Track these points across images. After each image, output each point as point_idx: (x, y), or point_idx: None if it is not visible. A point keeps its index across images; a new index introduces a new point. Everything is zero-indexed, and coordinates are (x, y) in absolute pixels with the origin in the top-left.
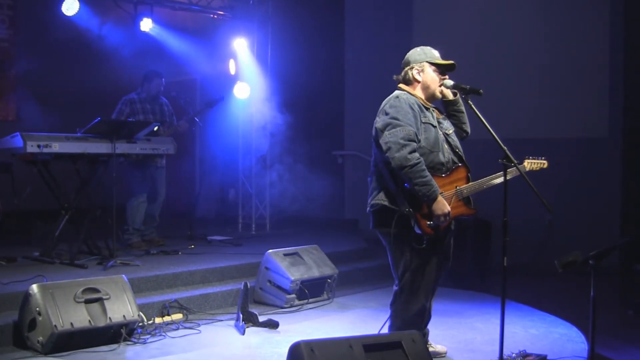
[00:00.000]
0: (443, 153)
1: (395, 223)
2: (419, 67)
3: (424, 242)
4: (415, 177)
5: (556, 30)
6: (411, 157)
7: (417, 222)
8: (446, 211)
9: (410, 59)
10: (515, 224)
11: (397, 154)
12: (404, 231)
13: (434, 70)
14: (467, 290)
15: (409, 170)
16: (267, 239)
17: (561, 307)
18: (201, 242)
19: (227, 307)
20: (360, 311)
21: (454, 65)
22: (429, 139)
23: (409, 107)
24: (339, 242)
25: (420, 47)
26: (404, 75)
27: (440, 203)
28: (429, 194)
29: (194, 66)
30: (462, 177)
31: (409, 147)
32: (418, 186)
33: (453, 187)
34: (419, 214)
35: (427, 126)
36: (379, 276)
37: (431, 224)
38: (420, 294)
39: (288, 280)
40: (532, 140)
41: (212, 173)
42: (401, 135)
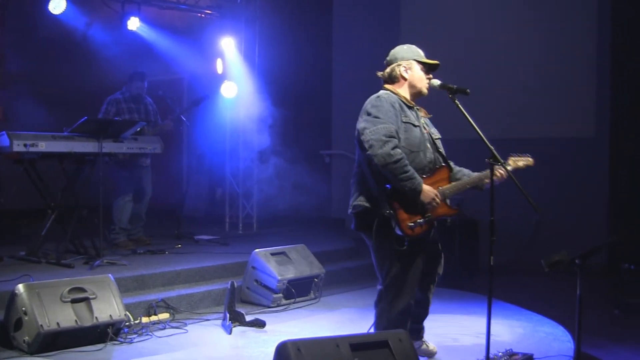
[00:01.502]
0: (425, 153)
1: (376, 225)
2: (407, 65)
3: (405, 243)
4: (399, 172)
5: (543, 30)
6: (394, 153)
7: (397, 224)
8: (433, 195)
9: (398, 56)
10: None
11: (380, 151)
12: (386, 233)
13: (421, 69)
14: (454, 289)
15: (393, 166)
16: (254, 238)
17: (548, 306)
18: (188, 242)
19: (213, 306)
20: (347, 310)
21: (438, 65)
22: (410, 139)
23: (390, 105)
24: (326, 242)
25: (407, 45)
26: (390, 72)
27: (426, 192)
28: (414, 188)
29: (182, 65)
30: (444, 178)
31: (391, 143)
32: (403, 181)
33: (435, 188)
34: (399, 216)
35: (407, 126)
36: (366, 275)
37: (412, 225)
38: (404, 293)
39: (275, 279)
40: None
41: (200, 172)
42: (383, 132)
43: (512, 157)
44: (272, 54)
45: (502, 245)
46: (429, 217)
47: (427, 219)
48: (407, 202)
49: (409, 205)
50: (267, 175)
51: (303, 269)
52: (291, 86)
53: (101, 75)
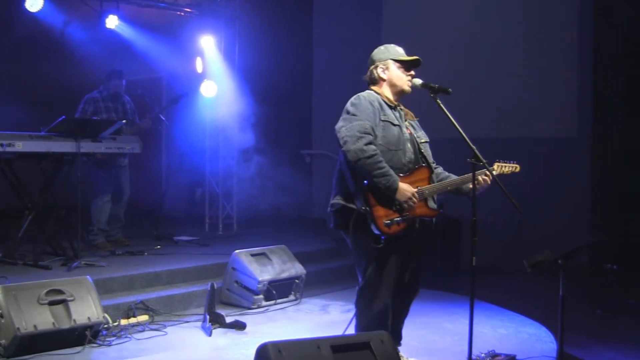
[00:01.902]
0: (405, 152)
1: (353, 222)
2: (383, 65)
3: (381, 241)
4: (372, 168)
5: (525, 30)
6: (367, 149)
7: (373, 221)
8: (409, 194)
9: (375, 57)
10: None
11: (352, 146)
12: (363, 230)
13: (398, 67)
14: (436, 290)
15: (366, 161)
16: (234, 239)
17: (530, 307)
18: (167, 243)
19: (193, 308)
20: (328, 312)
21: (419, 60)
22: (387, 137)
23: (368, 103)
24: (307, 242)
25: (384, 46)
26: (370, 75)
27: (402, 190)
28: (389, 185)
29: (161, 64)
30: (424, 178)
31: (364, 139)
32: (377, 178)
33: (414, 188)
34: (375, 213)
35: (386, 124)
36: (347, 276)
37: (388, 222)
38: (381, 293)
39: (255, 280)
40: (500, 140)
41: (179, 172)
42: (357, 128)
43: (497, 163)
44: (252, 53)
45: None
46: (406, 216)
47: (404, 217)
48: (384, 200)
49: (386, 203)
50: (247, 175)
51: (284, 269)
52: (271, 85)
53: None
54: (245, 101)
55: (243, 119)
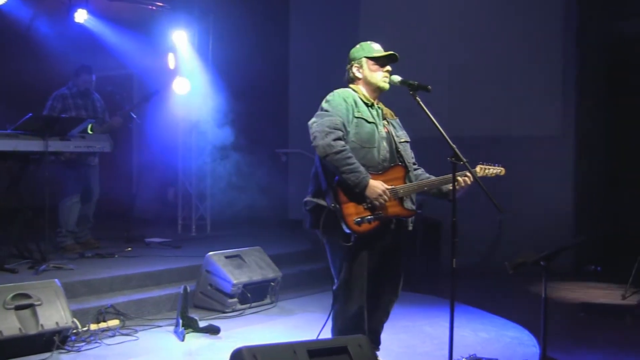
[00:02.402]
0: (379, 150)
1: (323, 220)
2: (358, 64)
3: (351, 239)
4: (341, 164)
5: (509, 28)
6: (335, 144)
7: (343, 219)
8: (380, 191)
9: (350, 57)
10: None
11: (321, 142)
12: (334, 229)
13: (372, 64)
14: (416, 293)
15: (334, 157)
16: (207, 241)
17: (512, 310)
18: (139, 245)
19: (165, 312)
20: (304, 315)
21: (394, 55)
22: (360, 134)
23: (342, 99)
24: (283, 244)
25: (360, 44)
26: (347, 74)
27: (372, 187)
28: (358, 182)
29: (131, 60)
30: (399, 177)
31: (333, 135)
32: (346, 174)
33: (388, 186)
34: (345, 210)
35: (359, 121)
36: (324, 278)
37: (358, 220)
38: (355, 294)
39: (229, 283)
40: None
41: (151, 171)
42: (327, 124)
43: (480, 165)
44: (227, 49)
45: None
46: (378, 214)
47: (375, 216)
48: (355, 197)
49: (357, 200)
50: (221, 174)
51: (259, 272)
52: (246, 82)
53: (46, 69)
54: (219, 98)
55: (217, 117)
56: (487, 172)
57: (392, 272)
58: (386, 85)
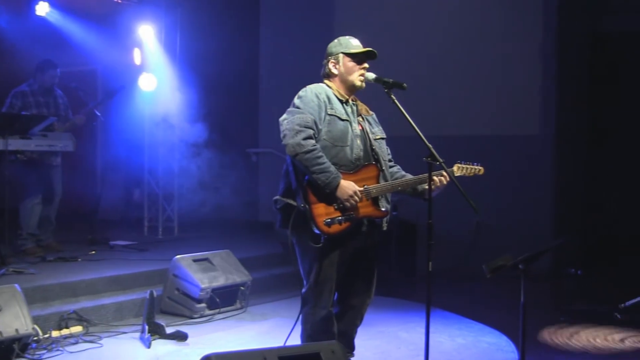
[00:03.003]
0: (352, 149)
1: (292, 221)
2: (334, 60)
3: (321, 240)
4: (311, 164)
5: (488, 26)
6: (305, 143)
7: (312, 220)
8: (351, 192)
9: (328, 51)
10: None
11: (290, 140)
12: (303, 229)
13: (349, 61)
14: (390, 297)
15: (303, 156)
16: (175, 244)
17: (490, 315)
18: (103, 248)
19: (131, 318)
20: (275, 321)
21: (373, 52)
22: (332, 132)
23: (314, 96)
24: (253, 247)
25: (338, 38)
26: (323, 69)
27: (343, 188)
28: (328, 182)
29: (95, 55)
30: (372, 176)
31: (303, 133)
32: (316, 174)
33: (361, 186)
34: (314, 211)
35: (332, 118)
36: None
37: (328, 221)
38: (324, 297)
39: (197, 288)
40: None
41: (116, 171)
42: (297, 121)
43: (458, 164)
44: (195, 44)
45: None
46: (349, 215)
47: (346, 217)
48: (325, 197)
49: (327, 201)
50: (189, 175)
51: (228, 276)
52: (216, 79)
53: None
54: (187, 96)
55: (185, 115)
56: (465, 171)
57: (365, 272)
58: (362, 84)
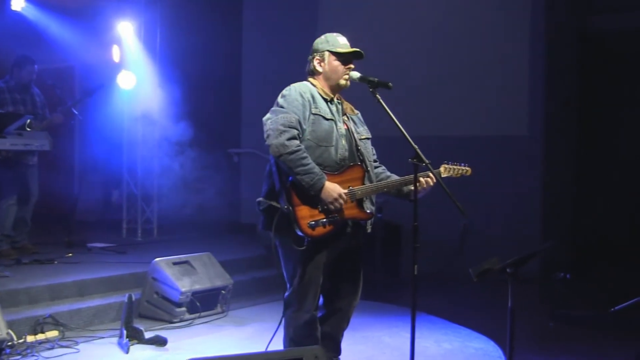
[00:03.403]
0: (337, 149)
1: (276, 223)
2: (320, 57)
3: (304, 243)
4: (295, 165)
5: (476, 27)
6: (289, 144)
7: (296, 222)
8: (336, 195)
9: (313, 48)
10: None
11: (274, 141)
12: (287, 232)
13: (335, 60)
14: (375, 302)
15: (287, 157)
16: (154, 246)
17: (477, 319)
18: (80, 250)
19: (109, 322)
20: (257, 325)
21: (360, 53)
22: (317, 132)
23: (298, 95)
24: (235, 249)
25: (325, 35)
26: (308, 66)
27: (327, 190)
28: (312, 183)
29: (73, 52)
30: (357, 177)
31: (287, 134)
32: (300, 175)
33: (345, 187)
34: (298, 213)
35: (317, 118)
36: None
37: (312, 223)
38: (308, 300)
39: (177, 291)
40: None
41: (94, 172)
42: (281, 121)
43: (445, 165)
44: (176, 41)
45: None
46: (333, 217)
47: (331, 219)
48: (309, 199)
49: (311, 203)
50: (169, 175)
51: (209, 279)
52: (197, 77)
53: None
54: (167, 94)
55: (165, 114)
56: (452, 172)
57: (351, 274)
58: (347, 83)
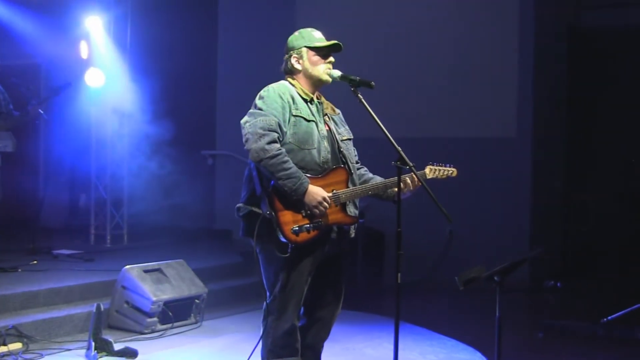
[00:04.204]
0: (319, 151)
1: (257, 229)
2: (297, 54)
3: (288, 250)
4: (276, 170)
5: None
6: (270, 148)
7: (279, 228)
8: (319, 199)
9: (289, 46)
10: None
11: (254, 145)
12: (269, 238)
13: (313, 55)
14: (356, 311)
15: (268, 162)
16: (124, 253)
17: (463, 330)
18: (45, 257)
19: (76, 333)
20: (233, 336)
21: (338, 45)
22: (298, 134)
23: (277, 96)
24: (209, 256)
25: (299, 31)
26: (285, 65)
27: (311, 194)
28: (295, 188)
29: (38, 48)
30: (341, 180)
31: (267, 137)
32: (282, 180)
33: (329, 191)
34: (281, 218)
35: (297, 119)
36: (255, 295)
37: (296, 229)
38: (289, 310)
39: (149, 300)
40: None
41: (60, 175)
42: (260, 124)
43: (430, 166)
44: (147, 37)
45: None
46: (318, 222)
47: (315, 224)
48: (292, 204)
49: (294, 208)
50: (140, 178)
51: (182, 288)
52: (169, 74)
53: None
54: (138, 93)
55: (135, 114)
56: (438, 173)
57: (334, 282)
58: (329, 78)
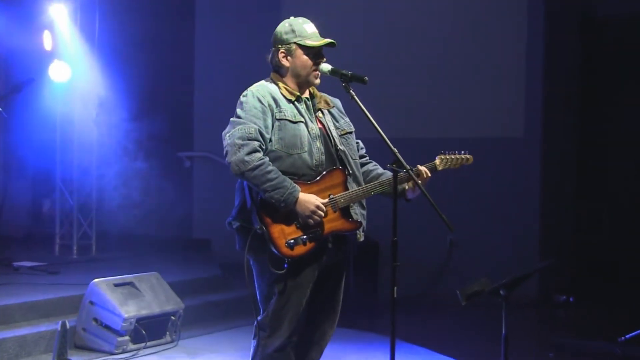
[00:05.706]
0: (311, 154)
1: (249, 244)
2: (285, 50)
3: (284, 265)
4: (260, 182)
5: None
6: (250, 159)
7: (272, 242)
8: (312, 207)
9: (276, 37)
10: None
11: (233, 157)
12: (262, 253)
13: (303, 54)
14: (349, 329)
15: (250, 174)
16: (92, 265)
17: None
18: (4, 270)
19: (38, 354)
20: (212, 356)
21: (332, 44)
22: (285, 139)
23: (256, 100)
24: (186, 269)
25: (289, 21)
26: (271, 59)
27: (302, 202)
28: (284, 198)
29: None
30: (337, 183)
31: (247, 147)
32: (268, 192)
33: (326, 196)
34: (273, 232)
35: (282, 123)
36: (236, 311)
37: (291, 242)
38: (282, 327)
39: (120, 317)
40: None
41: (21, 179)
42: (238, 134)
43: (442, 155)
44: (118, 27)
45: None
46: (314, 232)
47: (311, 235)
48: (284, 215)
49: (286, 219)
50: (110, 183)
51: (156, 304)
52: (142, 68)
53: None
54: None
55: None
56: (451, 163)
57: (330, 297)
58: (318, 81)
